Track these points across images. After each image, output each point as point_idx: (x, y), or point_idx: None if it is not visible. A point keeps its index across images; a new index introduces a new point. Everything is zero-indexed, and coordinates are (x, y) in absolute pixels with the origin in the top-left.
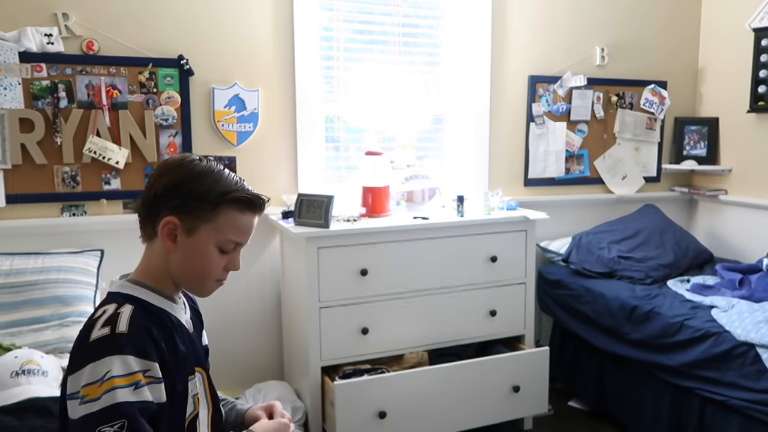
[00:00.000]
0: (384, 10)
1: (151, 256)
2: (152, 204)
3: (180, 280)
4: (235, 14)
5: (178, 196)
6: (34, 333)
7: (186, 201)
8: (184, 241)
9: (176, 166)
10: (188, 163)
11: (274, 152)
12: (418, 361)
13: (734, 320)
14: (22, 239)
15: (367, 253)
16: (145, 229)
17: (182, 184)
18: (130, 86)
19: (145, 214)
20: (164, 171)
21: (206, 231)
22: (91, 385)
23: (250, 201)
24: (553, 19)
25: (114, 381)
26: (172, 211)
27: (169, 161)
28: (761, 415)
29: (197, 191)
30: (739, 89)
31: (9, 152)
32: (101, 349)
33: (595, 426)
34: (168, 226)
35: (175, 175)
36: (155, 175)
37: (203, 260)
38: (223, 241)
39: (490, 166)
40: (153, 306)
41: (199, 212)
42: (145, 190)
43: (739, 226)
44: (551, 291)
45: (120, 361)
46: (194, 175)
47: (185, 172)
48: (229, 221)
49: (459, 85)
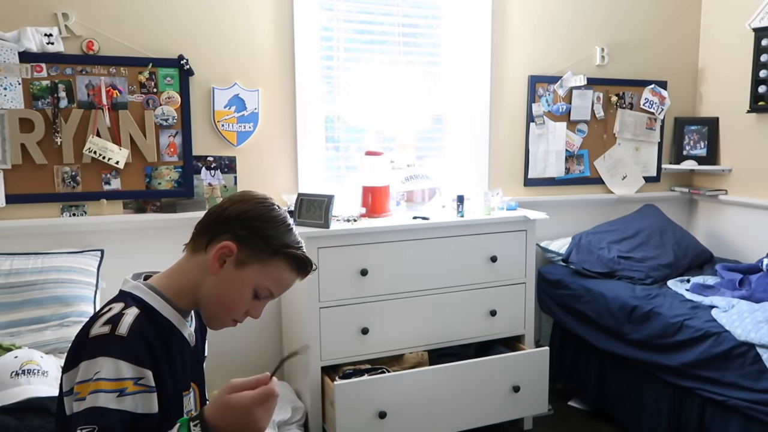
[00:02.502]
0: (384, 10)
1: (185, 268)
2: (219, 223)
3: (204, 302)
4: (235, 14)
5: (247, 228)
6: (34, 333)
7: (252, 235)
8: (230, 270)
9: (258, 202)
10: (270, 204)
11: (274, 152)
12: (418, 361)
13: (734, 320)
14: (22, 239)
15: (367, 253)
16: (197, 241)
17: (256, 219)
18: (130, 86)
19: (206, 229)
20: (245, 200)
21: (254, 271)
22: (83, 383)
23: (303, 263)
24: (554, 19)
25: (100, 383)
26: (233, 238)
27: (253, 194)
28: (761, 415)
29: (266, 232)
30: (739, 89)
31: (9, 152)
32: (96, 348)
33: (595, 426)
34: (224, 250)
35: (254, 208)
36: (235, 199)
37: (236, 295)
38: (263, 287)
39: (490, 166)
40: (160, 315)
41: (257, 251)
42: (217, 207)
43: (739, 226)
44: (551, 291)
45: (111, 364)
46: (270, 217)
47: (264, 211)
48: (278, 272)
49: (459, 85)
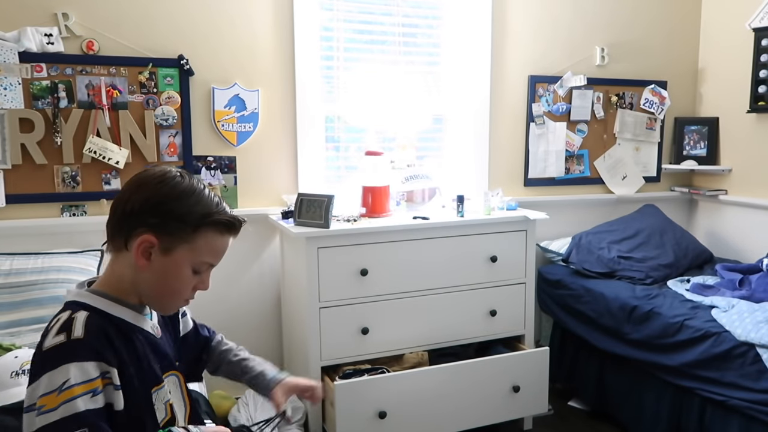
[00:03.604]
0: (384, 10)
1: (117, 269)
2: (127, 218)
3: (147, 297)
4: (235, 14)
5: (158, 215)
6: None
7: (166, 221)
8: (159, 260)
9: (157, 182)
10: (170, 180)
11: (274, 152)
12: (418, 361)
13: (734, 320)
14: (22, 239)
15: (367, 253)
16: (115, 241)
17: (163, 203)
18: (130, 86)
19: (117, 226)
20: (143, 185)
21: (183, 252)
22: (48, 395)
23: (230, 224)
24: (554, 19)
25: (73, 390)
26: (149, 229)
27: (148, 175)
28: (761, 415)
29: (178, 212)
30: (739, 89)
31: (9, 152)
32: (57, 358)
33: (595, 426)
34: (144, 245)
35: (156, 192)
36: (132, 188)
37: (176, 280)
38: (199, 262)
39: (490, 166)
40: (111, 315)
41: (178, 233)
42: (119, 201)
43: (739, 226)
44: (551, 291)
45: (77, 368)
46: (176, 194)
47: (167, 191)
48: (208, 243)
49: (459, 85)
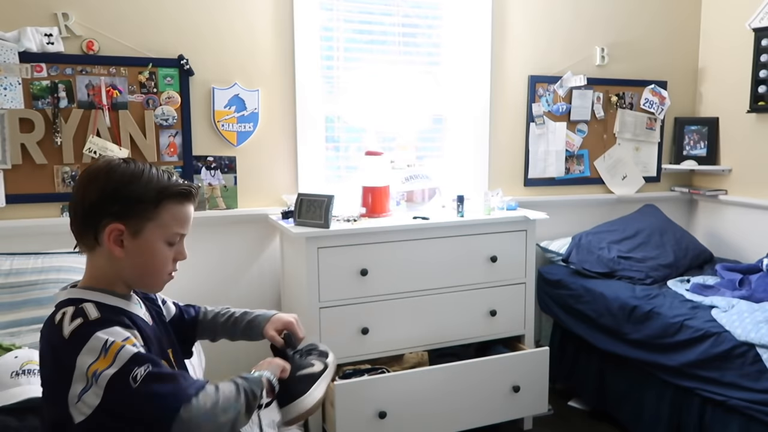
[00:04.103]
0: (384, 10)
1: (96, 265)
2: (88, 214)
3: (132, 281)
4: (235, 14)
5: (117, 201)
6: (34, 333)
7: (127, 205)
8: (132, 243)
9: (105, 172)
10: (117, 167)
11: (274, 152)
12: (418, 361)
13: (734, 320)
14: (22, 239)
15: (367, 253)
16: (84, 240)
17: (118, 189)
18: (130, 86)
19: (82, 226)
20: (92, 179)
21: (152, 229)
22: (95, 361)
23: (186, 192)
24: (554, 19)
25: (116, 344)
26: (113, 218)
27: (93, 169)
28: (761, 415)
29: (136, 193)
30: (739, 89)
31: (9, 152)
32: (85, 334)
33: (595, 426)
34: (114, 233)
35: (108, 180)
36: (82, 184)
37: (154, 258)
38: (170, 234)
39: (490, 166)
40: (108, 305)
41: (141, 213)
42: (75, 202)
43: (739, 226)
44: (551, 291)
45: (108, 333)
46: (128, 178)
47: (118, 177)
48: (172, 215)
49: (459, 85)
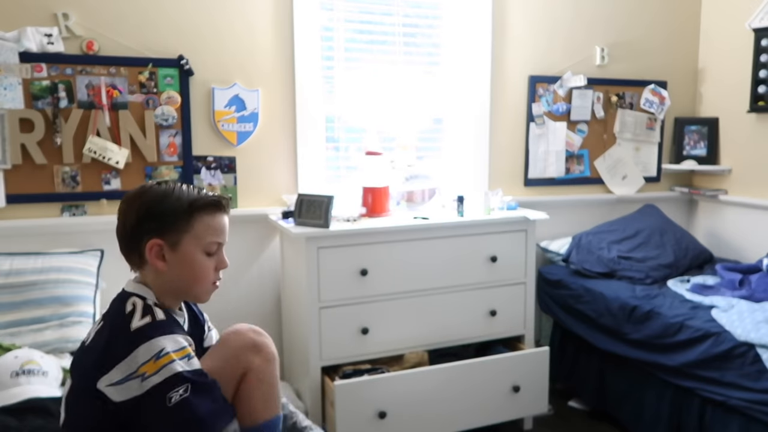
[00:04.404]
0: (384, 10)
1: (148, 281)
2: (131, 235)
3: (180, 293)
4: (235, 14)
5: (153, 218)
6: (34, 333)
7: (161, 220)
8: (172, 256)
9: (140, 195)
10: (149, 189)
11: (274, 152)
12: (418, 361)
13: (734, 320)
14: (22, 239)
15: (367, 253)
16: (132, 259)
17: (152, 207)
18: (130, 86)
19: (128, 247)
20: (130, 203)
21: (188, 241)
22: (147, 362)
23: (215, 203)
24: (554, 19)
25: (170, 355)
26: (152, 234)
27: (130, 195)
28: (761, 415)
29: (169, 209)
30: (739, 89)
31: (9, 152)
32: (149, 333)
33: (595, 426)
34: (154, 249)
35: (142, 202)
36: (123, 210)
37: (195, 267)
38: (207, 244)
39: (490, 166)
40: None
41: (176, 226)
42: (119, 226)
43: (739, 226)
44: (551, 291)
45: (170, 339)
46: (160, 197)
47: (151, 197)
48: (205, 225)
49: (459, 85)
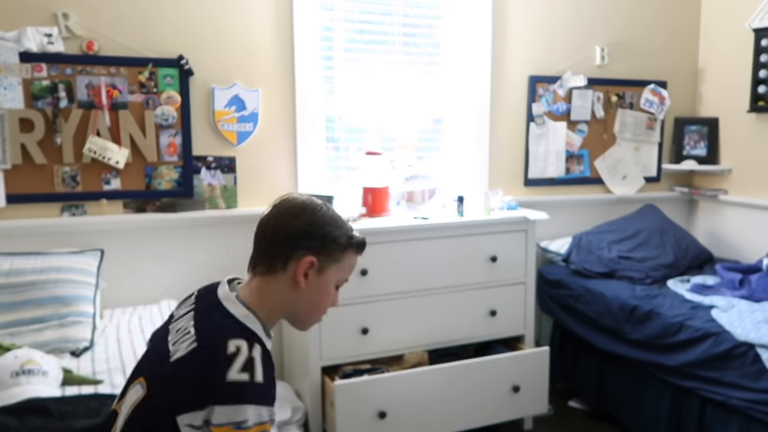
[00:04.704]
0: (384, 10)
1: (271, 291)
2: (288, 242)
3: (293, 314)
4: (235, 14)
5: (318, 238)
6: (34, 333)
7: (325, 244)
8: (315, 278)
9: (311, 209)
10: (320, 208)
11: (274, 152)
12: (418, 361)
13: (734, 320)
14: (22, 239)
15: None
16: (273, 263)
17: (323, 227)
18: (130, 86)
19: (278, 250)
20: (299, 213)
21: (333, 270)
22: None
23: (364, 244)
24: (554, 19)
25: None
26: (311, 252)
27: (300, 205)
28: (761, 415)
29: (333, 235)
30: (739, 89)
31: (9, 152)
32: (239, 396)
33: (595, 426)
34: (306, 266)
35: (315, 218)
36: (289, 215)
37: (325, 296)
38: (341, 279)
39: (490, 166)
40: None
41: (332, 254)
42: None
43: (739, 226)
44: (551, 291)
45: (255, 411)
46: (329, 220)
47: (322, 217)
48: (350, 262)
49: (459, 85)
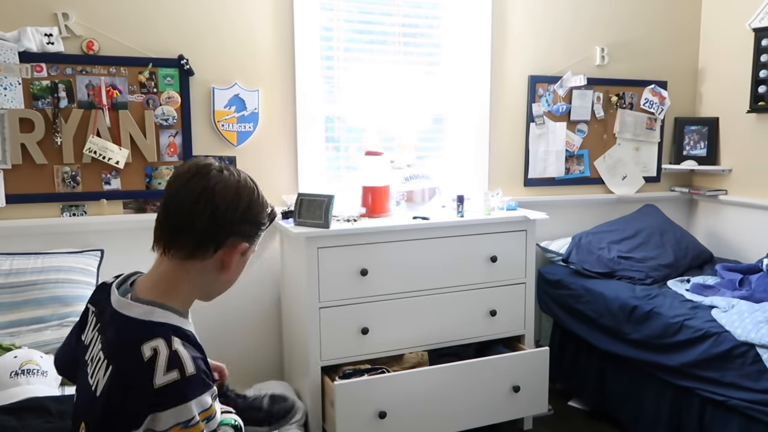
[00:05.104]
0: (384, 10)
1: (186, 277)
2: (223, 228)
3: (209, 293)
4: (235, 14)
5: (254, 224)
6: (34, 333)
7: (258, 229)
8: (239, 261)
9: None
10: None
11: (274, 152)
12: (418, 361)
13: (734, 320)
14: (22, 239)
15: (367, 253)
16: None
17: (258, 213)
18: (130, 86)
19: (207, 235)
20: (237, 196)
21: (251, 250)
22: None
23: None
24: (554, 19)
25: (198, 426)
26: (244, 239)
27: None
28: (761, 415)
29: (264, 220)
30: (739, 89)
31: (9, 152)
32: (178, 395)
33: (595, 426)
34: (240, 251)
35: (251, 203)
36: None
37: (239, 273)
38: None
39: (490, 166)
40: (185, 331)
41: (256, 236)
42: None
43: (739, 226)
44: (551, 291)
45: (198, 403)
46: (261, 204)
47: (255, 201)
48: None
49: (459, 85)
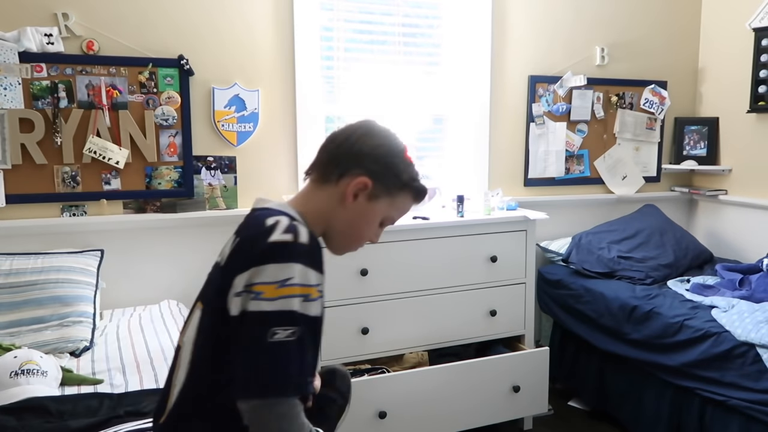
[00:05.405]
0: (384, 10)
1: (315, 197)
2: (350, 156)
3: (333, 232)
4: (235, 14)
5: (381, 164)
6: (34, 333)
7: (386, 171)
8: (363, 203)
9: (387, 136)
10: (395, 138)
11: (274, 152)
12: (418, 361)
13: (734, 320)
14: (22, 239)
15: (367, 253)
16: (326, 172)
17: (389, 155)
18: (130, 86)
19: (335, 161)
20: (374, 134)
21: (384, 203)
22: (269, 284)
23: (424, 193)
24: (554, 19)
25: (294, 288)
26: (368, 174)
27: (377, 127)
28: (761, 415)
29: (397, 168)
30: (739, 89)
31: (9, 152)
32: (285, 254)
33: (595, 426)
34: (359, 186)
35: (387, 144)
36: (363, 132)
37: (367, 227)
38: (389, 217)
39: (490, 166)
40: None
41: (389, 186)
42: (344, 139)
43: (739, 226)
44: (551, 291)
45: (302, 270)
46: (401, 151)
47: (396, 146)
48: (404, 203)
49: (459, 85)
